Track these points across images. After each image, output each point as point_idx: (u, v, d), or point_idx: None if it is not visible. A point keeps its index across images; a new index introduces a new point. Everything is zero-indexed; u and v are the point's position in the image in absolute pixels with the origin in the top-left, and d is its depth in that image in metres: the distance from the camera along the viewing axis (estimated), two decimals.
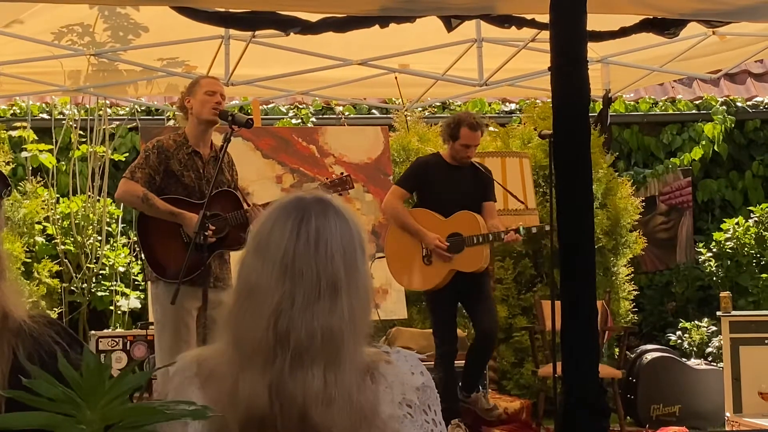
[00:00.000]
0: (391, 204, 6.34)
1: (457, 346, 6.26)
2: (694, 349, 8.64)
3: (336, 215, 1.73)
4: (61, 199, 8.96)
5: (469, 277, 6.18)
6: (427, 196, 6.30)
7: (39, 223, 8.64)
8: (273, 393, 1.63)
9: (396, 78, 8.04)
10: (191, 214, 5.11)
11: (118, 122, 9.27)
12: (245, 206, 5.30)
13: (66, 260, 8.64)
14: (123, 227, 9.04)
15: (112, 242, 8.97)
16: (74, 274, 8.64)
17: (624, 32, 5.51)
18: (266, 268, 1.69)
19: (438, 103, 9.92)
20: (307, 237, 1.69)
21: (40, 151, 8.89)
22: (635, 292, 8.31)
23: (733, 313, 7.27)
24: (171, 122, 9.28)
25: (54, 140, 8.96)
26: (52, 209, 8.69)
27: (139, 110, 9.50)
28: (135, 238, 8.86)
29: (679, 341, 8.83)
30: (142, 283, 8.69)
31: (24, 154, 8.91)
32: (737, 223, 9.45)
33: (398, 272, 6.44)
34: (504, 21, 5.26)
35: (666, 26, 5.23)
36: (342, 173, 5.64)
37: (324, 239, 1.69)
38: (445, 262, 6.16)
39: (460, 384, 6.36)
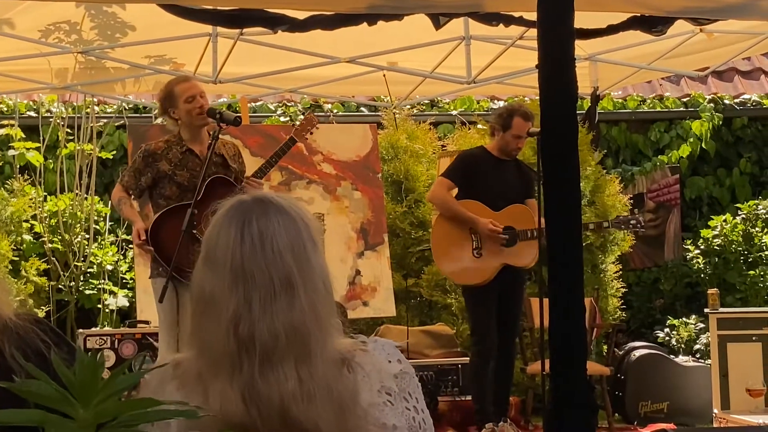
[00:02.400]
0: (439, 194, 6.25)
1: (495, 347, 6.13)
2: (682, 346, 8.66)
3: (278, 212, 1.73)
4: (48, 197, 8.93)
5: (511, 276, 6.12)
6: (473, 189, 6.19)
7: (26, 221, 8.62)
8: (247, 399, 1.62)
9: (384, 76, 8.03)
10: (142, 224, 5.16)
11: (105, 120, 9.25)
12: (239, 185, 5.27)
13: (53, 258, 8.61)
14: (111, 225, 9.01)
15: (99, 240, 8.95)
16: (62, 273, 8.61)
17: (612, 30, 5.50)
18: (217, 276, 1.69)
19: (426, 101, 9.93)
20: (252, 239, 1.69)
21: (28, 149, 8.86)
22: (623, 290, 8.33)
23: (721, 310, 7.28)
24: (159, 120, 9.26)
25: (41, 138, 8.94)
26: (39, 207, 8.66)
27: (127, 108, 9.46)
28: (123, 237, 8.88)
29: (667, 338, 8.85)
30: (130, 281, 8.67)
31: (11, 152, 8.89)
32: (725, 221, 9.47)
33: (446, 265, 6.31)
34: (492, 19, 5.25)
35: (654, 24, 5.23)
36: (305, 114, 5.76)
37: (269, 238, 1.69)
38: (496, 256, 6.07)
39: (492, 409, 6.28)
